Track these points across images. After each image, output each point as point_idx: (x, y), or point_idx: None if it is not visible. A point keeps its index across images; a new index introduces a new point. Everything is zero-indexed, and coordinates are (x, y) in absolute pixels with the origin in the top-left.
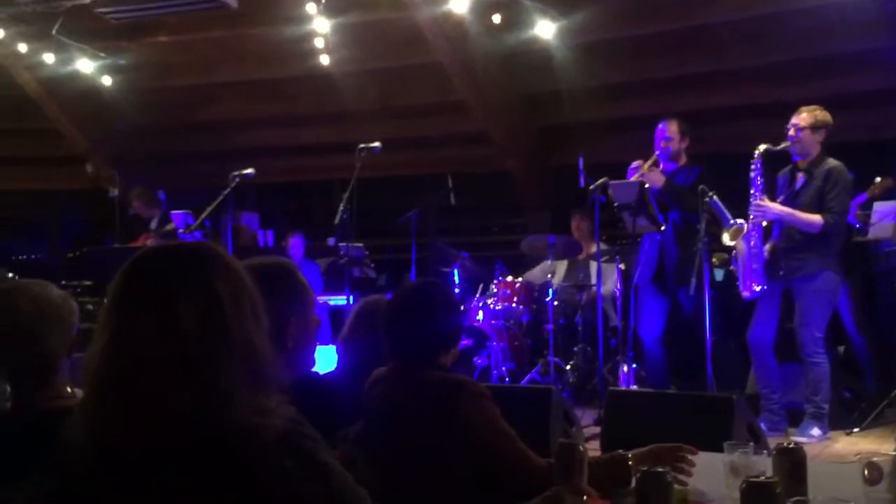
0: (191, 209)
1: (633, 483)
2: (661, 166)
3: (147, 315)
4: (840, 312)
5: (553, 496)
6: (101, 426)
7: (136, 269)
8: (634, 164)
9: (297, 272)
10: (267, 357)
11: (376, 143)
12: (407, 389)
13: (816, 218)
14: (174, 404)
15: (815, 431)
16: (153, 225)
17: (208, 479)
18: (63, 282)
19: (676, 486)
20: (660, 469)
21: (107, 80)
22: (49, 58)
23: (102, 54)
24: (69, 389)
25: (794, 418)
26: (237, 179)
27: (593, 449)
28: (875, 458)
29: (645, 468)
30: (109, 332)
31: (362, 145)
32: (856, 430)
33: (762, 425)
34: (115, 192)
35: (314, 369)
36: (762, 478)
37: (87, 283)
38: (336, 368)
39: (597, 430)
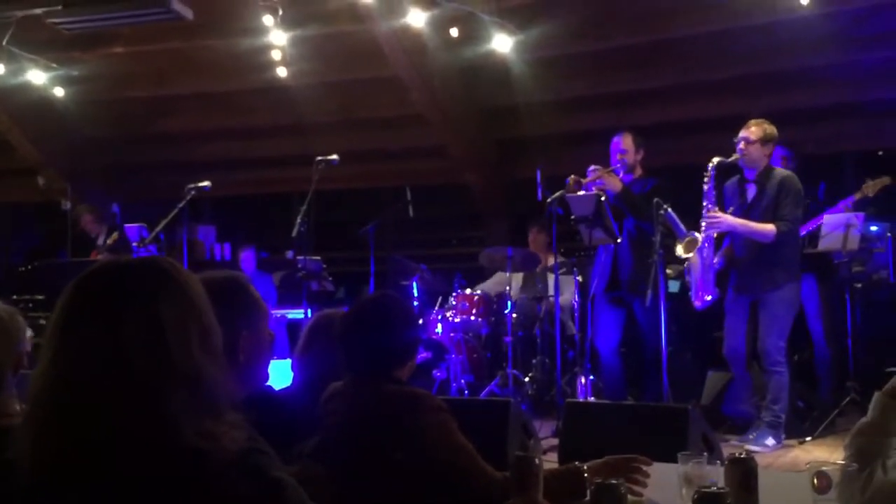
0: (146, 222)
1: (588, 496)
2: (621, 176)
3: (89, 335)
4: (808, 320)
5: None
6: (38, 448)
7: (80, 288)
8: (592, 167)
9: (249, 286)
10: (215, 380)
11: (334, 156)
12: (363, 403)
13: (770, 227)
14: (113, 428)
15: (770, 441)
16: (100, 241)
17: (149, 497)
18: (14, 296)
19: (631, 498)
20: (613, 481)
21: (59, 92)
22: None
23: (55, 65)
24: (17, 407)
25: (744, 427)
26: (192, 192)
27: (551, 461)
28: (824, 468)
29: (599, 480)
30: (52, 350)
31: (320, 158)
32: (808, 438)
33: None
34: (67, 205)
35: (269, 384)
36: (713, 488)
37: (40, 297)
38: (292, 383)
39: (555, 441)
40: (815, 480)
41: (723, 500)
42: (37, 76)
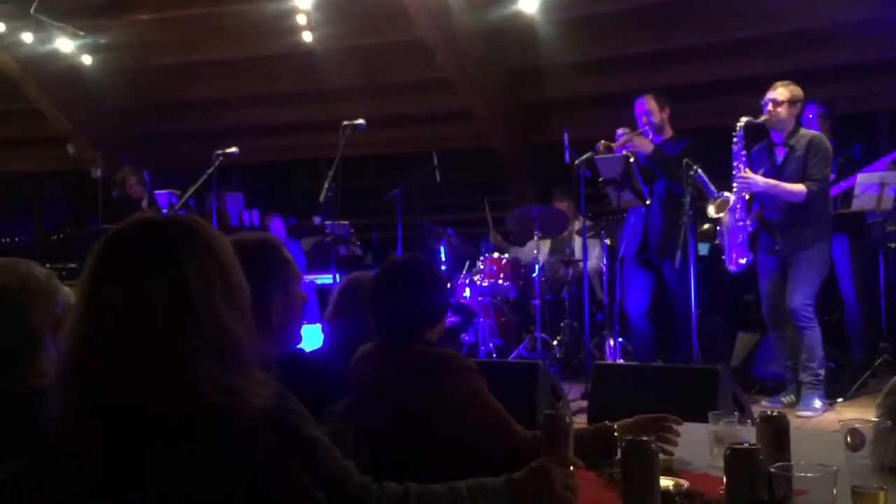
0: (174, 188)
1: (618, 454)
2: (650, 138)
3: (113, 292)
4: (840, 281)
5: (539, 467)
6: (66, 405)
7: (106, 245)
8: (621, 130)
9: (282, 248)
10: (241, 337)
11: (361, 121)
12: (393, 364)
13: (800, 187)
14: (138, 383)
15: (817, 403)
16: (144, 205)
17: (182, 461)
18: (47, 264)
19: (661, 456)
20: (644, 438)
21: (87, 60)
22: (27, 37)
23: (82, 33)
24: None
25: (775, 389)
26: (220, 158)
27: (580, 422)
28: (857, 425)
29: (630, 438)
30: (81, 307)
31: (346, 123)
32: (840, 400)
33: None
34: (97, 173)
35: (300, 347)
36: (746, 444)
37: (72, 265)
38: (322, 346)
39: (584, 403)
40: (849, 438)
41: (755, 456)
42: (64, 44)
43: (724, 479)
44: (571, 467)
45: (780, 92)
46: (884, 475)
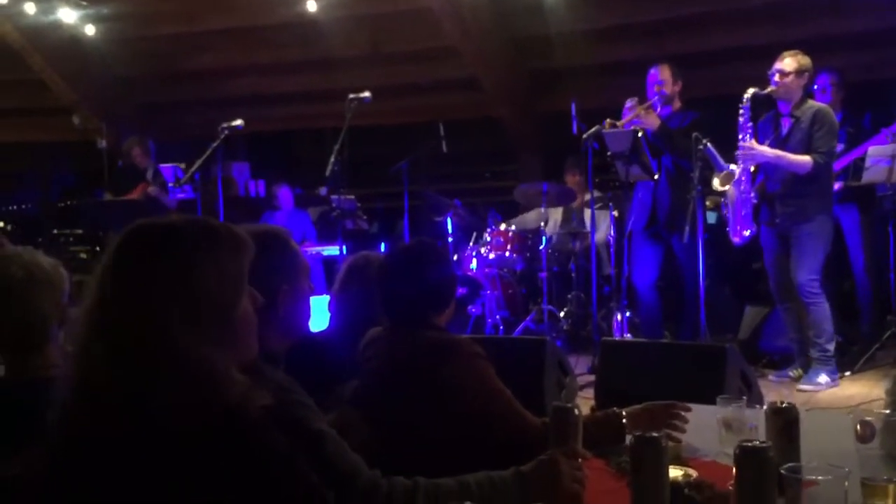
0: (179, 160)
1: (627, 441)
2: (658, 110)
3: (127, 292)
4: (850, 253)
5: (548, 459)
6: (81, 401)
7: (123, 246)
8: (629, 102)
9: (290, 241)
10: (249, 334)
11: (366, 94)
12: (401, 350)
13: (806, 159)
14: (147, 383)
15: (823, 378)
16: (149, 176)
17: (192, 460)
18: (55, 230)
19: (670, 443)
20: (654, 434)
21: (90, 30)
22: (30, 7)
23: (84, 3)
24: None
25: (782, 362)
26: (226, 132)
27: (587, 397)
28: (868, 417)
29: (639, 433)
30: (96, 297)
31: (352, 96)
32: (848, 373)
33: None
34: (102, 143)
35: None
36: (755, 442)
37: (78, 231)
38: (329, 324)
39: (591, 378)
40: (859, 428)
41: (765, 454)
42: (67, 14)
43: (734, 475)
44: (580, 460)
45: (788, 62)
46: (893, 466)
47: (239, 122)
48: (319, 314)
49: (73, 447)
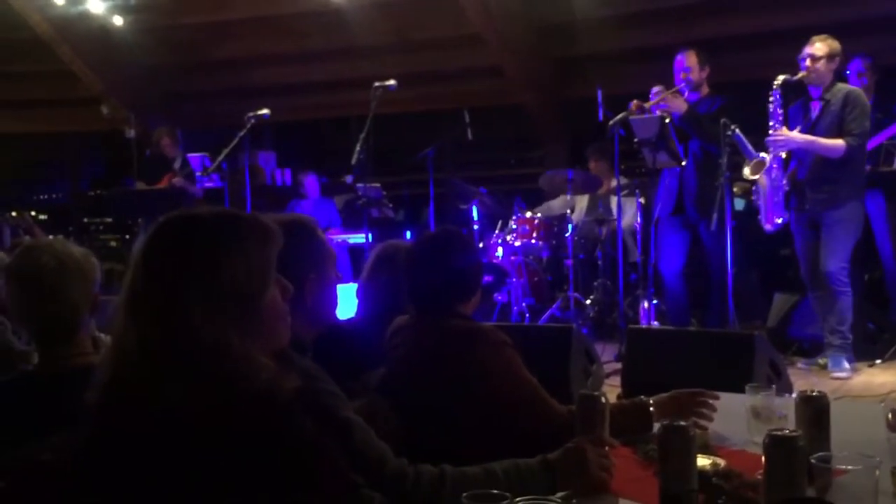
0: (205, 149)
1: (655, 429)
2: (686, 95)
3: (156, 284)
4: (878, 239)
5: (575, 447)
6: (113, 391)
7: (152, 239)
8: (655, 88)
9: (317, 230)
10: (279, 323)
11: (392, 82)
12: (427, 339)
13: (839, 142)
14: (178, 374)
15: (846, 364)
16: (177, 165)
17: (223, 448)
18: (85, 219)
19: (697, 431)
20: (682, 423)
21: (118, 20)
22: None
23: None
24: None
25: (811, 350)
26: (252, 121)
27: (614, 385)
28: None
29: (667, 422)
30: (128, 290)
31: (377, 84)
32: (878, 361)
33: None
34: (131, 132)
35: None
36: (785, 430)
37: (108, 220)
38: (357, 313)
39: (618, 365)
40: (891, 417)
41: (795, 443)
42: (95, 5)
43: (763, 464)
44: (607, 447)
45: (818, 47)
46: None
47: (265, 111)
48: (346, 302)
49: (105, 435)
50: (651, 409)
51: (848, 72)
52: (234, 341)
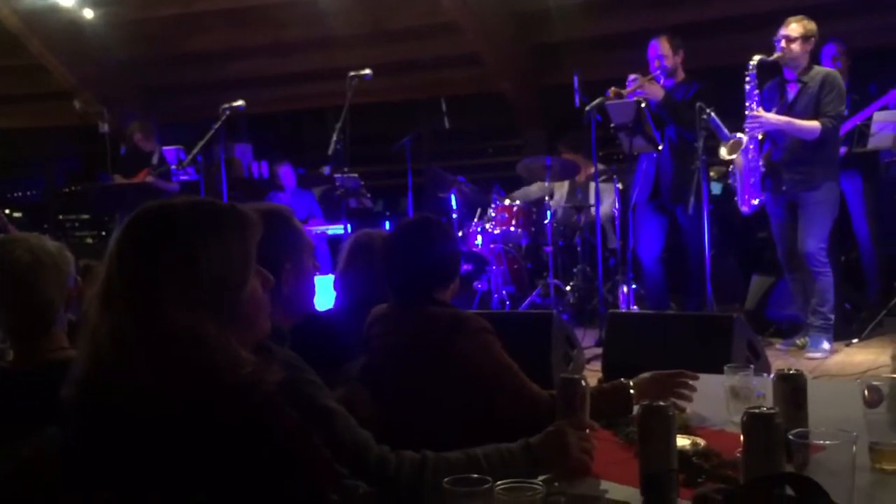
0: (181, 143)
1: (635, 411)
2: (661, 83)
3: (133, 274)
4: (854, 221)
5: (556, 431)
6: (90, 384)
7: (129, 229)
8: (632, 76)
9: (293, 218)
10: (259, 314)
11: (367, 71)
12: (408, 325)
13: (814, 124)
14: (157, 365)
15: (825, 345)
16: (154, 160)
17: (206, 440)
18: (61, 216)
19: (677, 412)
20: (661, 403)
21: (88, 13)
22: None
23: None
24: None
25: (789, 331)
26: (227, 112)
27: (595, 370)
28: (875, 382)
29: (646, 402)
30: (103, 282)
31: (353, 73)
32: (855, 340)
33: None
34: (105, 127)
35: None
36: (763, 408)
37: (85, 216)
38: (335, 303)
39: (598, 350)
40: (867, 394)
41: (773, 420)
42: None
43: (742, 441)
44: (587, 430)
45: (794, 28)
46: None
47: (240, 102)
48: (325, 294)
49: (83, 430)
50: (631, 391)
51: (822, 56)
52: (212, 332)
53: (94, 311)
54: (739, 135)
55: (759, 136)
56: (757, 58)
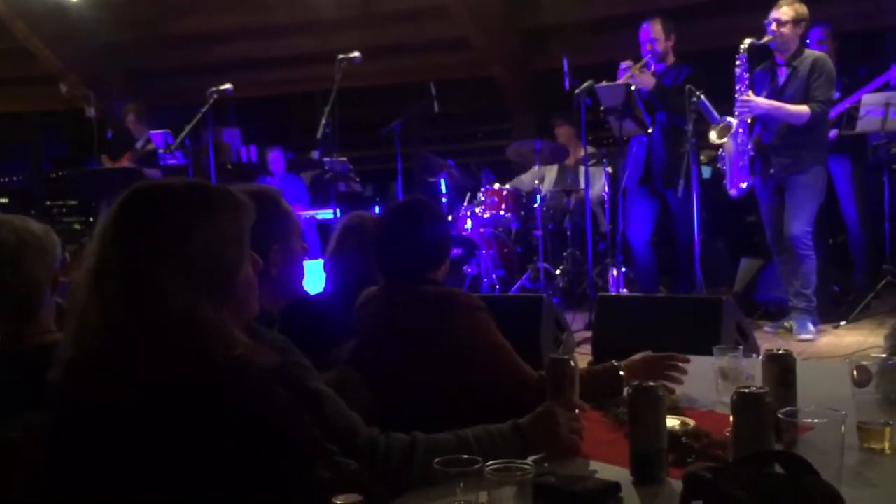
0: (169, 126)
1: (625, 393)
2: (652, 68)
3: (125, 253)
4: (842, 203)
5: (545, 411)
6: (80, 364)
7: (121, 208)
8: (624, 64)
9: (281, 199)
10: (249, 296)
11: (356, 54)
12: (399, 306)
13: (804, 108)
14: (150, 346)
15: (811, 327)
16: (139, 144)
17: (197, 421)
18: (48, 202)
19: (666, 394)
20: (651, 384)
21: None
22: None
23: None
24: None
25: (777, 314)
26: (215, 96)
27: (585, 353)
28: (864, 362)
29: (636, 383)
30: (94, 262)
31: (341, 56)
32: (843, 323)
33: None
34: (91, 111)
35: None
36: (752, 388)
37: (72, 202)
38: (325, 286)
39: (588, 334)
40: (855, 373)
41: (762, 399)
42: None
43: (731, 421)
44: (577, 410)
45: (785, 11)
46: (889, 410)
47: (228, 85)
48: (315, 278)
49: (72, 412)
50: (621, 373)
51: (808, 40)
52: (208, 313)
53: (84, 291)
54: (729, 118)
55: (749, 120)
56: (748, 41)
